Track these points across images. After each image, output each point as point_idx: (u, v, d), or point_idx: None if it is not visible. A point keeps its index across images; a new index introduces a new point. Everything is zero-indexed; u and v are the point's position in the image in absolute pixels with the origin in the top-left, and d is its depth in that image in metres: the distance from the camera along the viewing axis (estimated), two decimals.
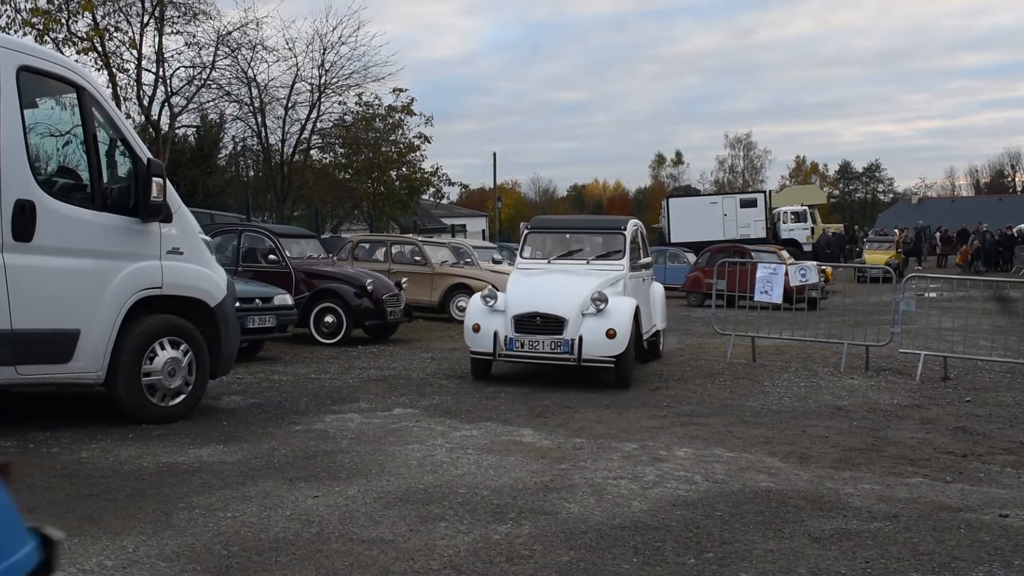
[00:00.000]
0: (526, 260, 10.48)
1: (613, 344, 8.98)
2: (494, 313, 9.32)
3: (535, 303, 9.23)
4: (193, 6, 22.34)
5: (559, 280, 9.71)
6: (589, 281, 9.55)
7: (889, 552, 4.26)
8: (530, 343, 9.12)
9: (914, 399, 8.95)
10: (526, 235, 10.78)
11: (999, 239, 38.11)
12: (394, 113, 30.32)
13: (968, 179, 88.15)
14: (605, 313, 9.06)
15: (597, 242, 10.66)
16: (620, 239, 10.40)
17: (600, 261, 10.23)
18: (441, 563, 3.99)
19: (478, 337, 9.30)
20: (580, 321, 9.07)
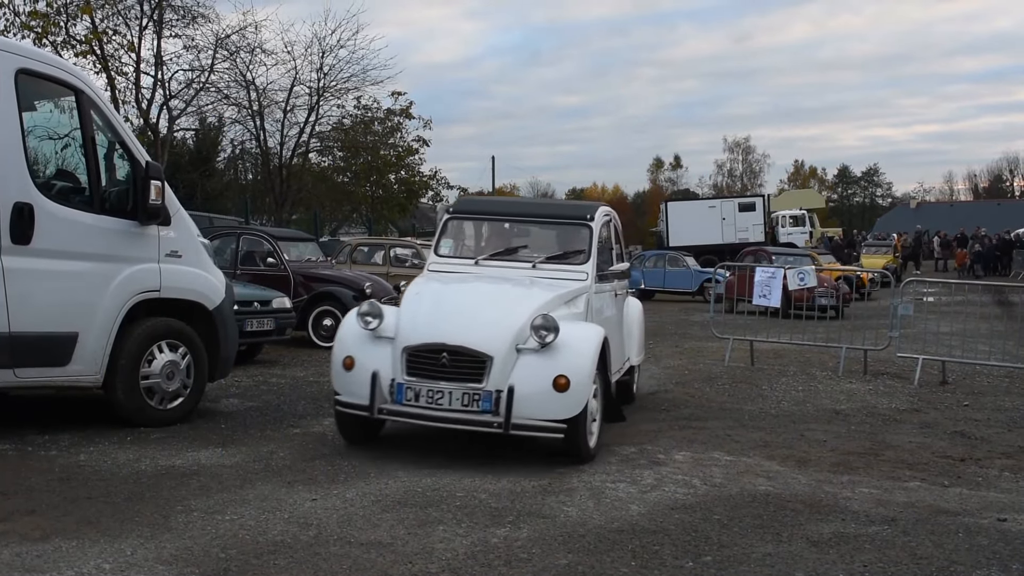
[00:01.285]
0: (443, 259, 7.22)
1: (563, 401, 5.68)
2: (378, 342, 6.05)
3: (441, 330, 5.90)
4: (192, 9, 22.40)
5: (485, 293, 6.45)
6: (532, 296, 6.30)
7: (887, 556, 4.26)
8: (430, 394, 5.73)
9: (912, 403, 8.95)
10: (445, 222, 7.52)
11: (997, 244, 38.15)
12: (393, 116, 30.37)
13: (967, 184, 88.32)
14: (553, 350, 5.81)
15: (550, 237, 7.58)
16: (584, 234, 7.13)
17: (553, 265, 6.97)
18: (439, 566, 3.98)
19: (349, 379, 6.02)
20: (513, 361, 5.78)
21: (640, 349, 8.75)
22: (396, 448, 6.38)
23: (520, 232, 7.68)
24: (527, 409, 5.69)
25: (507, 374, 5.75)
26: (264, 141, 27.82)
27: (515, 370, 5.78)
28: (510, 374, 5.76)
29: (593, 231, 7.13)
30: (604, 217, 7.58)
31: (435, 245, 7.41)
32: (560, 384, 5.69)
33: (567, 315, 6.30)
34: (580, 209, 7.59)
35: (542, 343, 5.83)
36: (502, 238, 7.58)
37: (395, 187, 31.59)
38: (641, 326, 8.78)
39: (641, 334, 8.78)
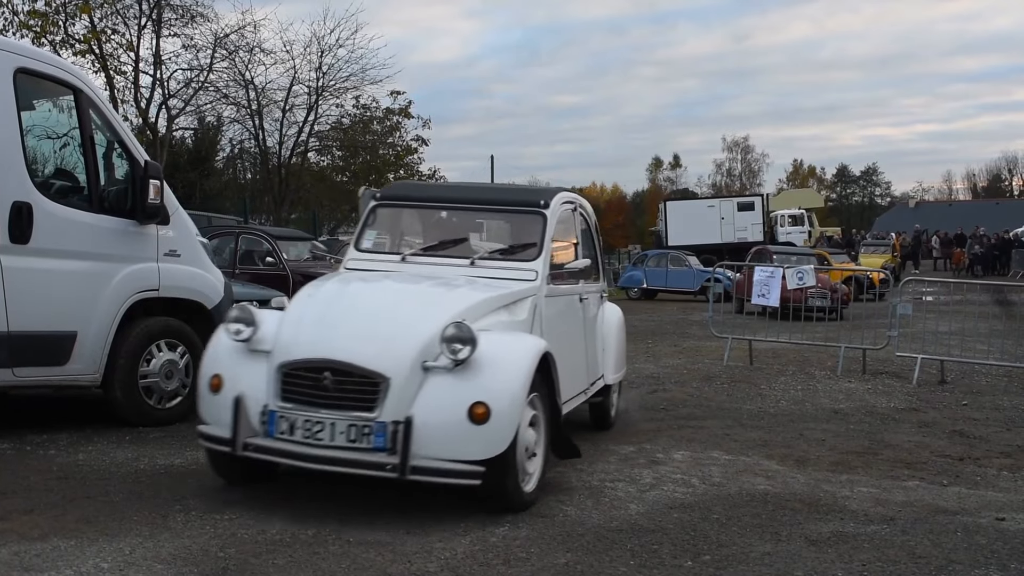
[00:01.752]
0: (364, 255, 6.00)
1: (481, 435, 4.45)
2: (252, 357, 4.82)
3: (325, 342, 4.65)
4: (191, 8, 22.41)
5: (391, 296, 5.23)
6: (452, 300, 5.09)
7: (886, 555, 4.26)
8: (307, 426, 4.50)
9: (911, 403, 8.96)
10: (371, 210, 6.28)
11: (996, 243, 38.18)
12: (392, 116, 30.35)
13: (965, 183, 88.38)
14: (471, 369, 4.55)
15: (496, 228, 6.52)
16: (536, 224, 5.87)
17: (496, 262, 5.79)
18: (438, 565, 3.98)
19: (214, 403, 4.81)
20: (417, 384, 4.54)
21: (619, 364, 7.37)
22: None
23: (461, 222, 6.37)
24: (433, 446, 4.38)
25: (408, 400, 4.45)
26: (263, 140, 27.84)
27: (420, 395, 4.49)
28: (412, 400, 4.46)
29: (548, 221, 5.85)
30: (565, 205, 6.31)
31: (355, 238, 6.16)
32: (477, 414, 4.39)
33: (502, 324, 5.10)
34: (533, 194, 6.33)
35: (455, 360, 4.52)
36: (438, 230, 6.34)
37: None
38: (620, 337, 7.43)
39: (620, 347, 7.38)
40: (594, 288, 7.01)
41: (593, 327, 6.86)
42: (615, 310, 7.54)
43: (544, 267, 5.70)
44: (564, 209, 6.27)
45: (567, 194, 6.53)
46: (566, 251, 6.29)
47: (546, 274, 5.69)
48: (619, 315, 7.55)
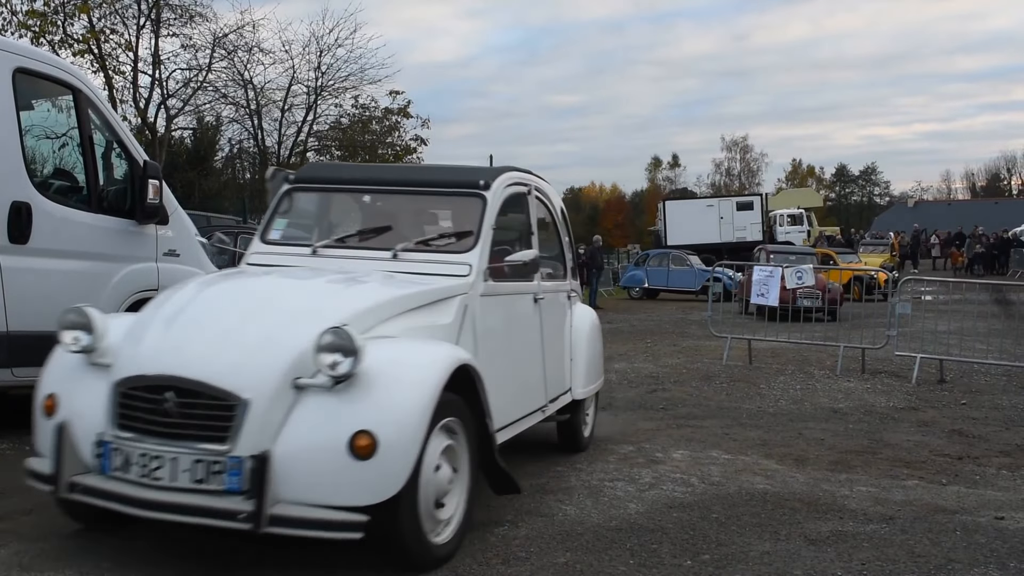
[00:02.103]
0: (271, 247, 5.12)
1: (366, 474, 3.50)
2: (92, 372, 3.94)
3: (170, 354, 3.73)
4: (189, 8, 22.40)
5: (264, 296, 4.18)
6: (344, 299, 4.15)
7: (885, 554, 4.26)
8: (143, 461, 3.57)
9: (910, 402, 8.96)
10: (283, 195, 5.36)
11: (995, 243, 38.20)
12: (390, 115, 30.35)
13: (964, 183, 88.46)
14: (354, 388, 3.62)
15: (426, 214, 5.50)
16: (474, 209, 4.95)
17: (422, 254, 4.83)
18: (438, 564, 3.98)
19: (44, 431, 3.99)
20: (287, 407, 3.61)
21: (591, 376, 6.38)
22: None
23: (386, 208, 5.43)
24: (302, 488, 3.42)
25: (273, 429, 3.49)
26: (262, 140, 27.85)
27: (288, 422, 3.52)
28: (279, 429, 3.50)
29: (488, 205, 4.89)
30: (515, 188, 5.33)
31: (261, 227, 5.25)
32: (360, 446, 3.42)
33: (416, 329, 4.17)
34: (472, 174, 5.25)
35: (334, 376, 3.55)
36: (360, 217, 5.52)
37: None
38: (593, 344, 6.45)
39: (593, 356, 6.42)
40: (557, 287, 6.00)
41: (557, 333, 5.88)
42: (587, 313, 6.60)
43: (481, 260, 4.70)
44: (512, 192, 5.29)
45: (518, 174, 5.49)
46: (517, 243, 5.40)
47: (484, 269, 4.70)
48: (592, 319, 6.58)
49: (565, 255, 6.36)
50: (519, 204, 5.51)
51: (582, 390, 6.19)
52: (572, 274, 6.47)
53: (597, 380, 6.67)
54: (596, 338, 6.62)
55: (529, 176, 5.74)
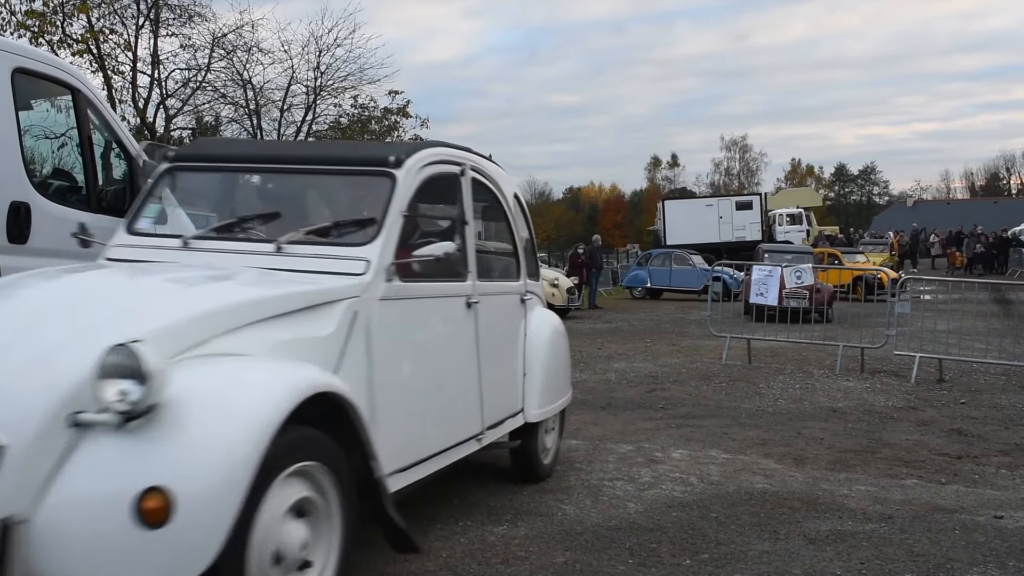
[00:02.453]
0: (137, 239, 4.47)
1: (154, 547, 2.48)
2: None
3: None
4: (188, 8, 22.37)
5: (56, 302, 3.25)
6: (169, 304, 3.24)
7: (884, 553, 4.27)
8: None
9: (909, 401, 8.96)
10: (160, 175, 4.78)
11: (994, 242, 38.22)
12: (390, 115, 30.33)
13: (963, 182, 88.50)
14: (151, 428, 2.62)
15: (323, 198, 4.58)
16: (380, 192, 4.04)
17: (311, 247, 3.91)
18: (437, 564, 3.99)
19: None
20: (56, 453, 2.62)
21: (552, 393, 5.43)
22: None
23: (280, 191, 4.54)
24: (71, 565, 2.53)
25: (36, 482, 2.59)
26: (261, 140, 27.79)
27: (61, 474, 2.62)
28: (46, 482, 2.60)
29: (398, 187, 3.94)
30: (439, 167, 4.38)
31: (130, 216, 4.62)
32: (150, 510, 2.50)
33: (280, 344, 3.27)
34: (382, 150, 4.34)
35: (122, 412, 2.63)
36: (247, 202, 4.59)
37: None
38: (556, 356, 5.53)
39: (554, 369, 5.50)
40: (503, 288, 5.11)
41: (503, 343, 4.98)
42: (547, 320, 5.61)
43: (383, 255, 3.76)
44: (436, 172, 4.33)
45: (446, 151, 4.53)
46: (448, 236, 4.46)
47: (387, 266, 3.76)
48: (553, 325, 5.62)
49: (519, 250, 5.38)
50: (448, 188, 4.53)
51: (538, 411, 5.24)
52: (531, 273, 5.54)
53: (560, 398, 5.64)
54: (559, 348, 5.62)
55: (465, 155, 4.76)
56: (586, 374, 10.53)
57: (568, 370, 5.92)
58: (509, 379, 5.08)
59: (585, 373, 10.61)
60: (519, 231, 5.45)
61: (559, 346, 5.65)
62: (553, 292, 19.58)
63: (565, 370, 5.82)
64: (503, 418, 4.93)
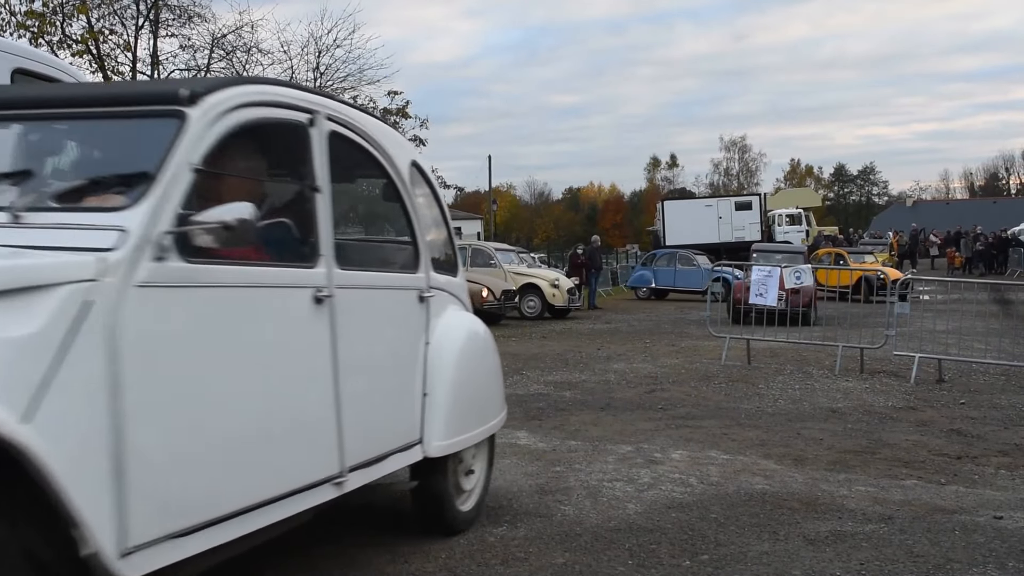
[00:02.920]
0: None
1: None
2: None
3: None
4: (188, 9, 22.36)
5: None
6: None
7: (884, 554, 4.26)
8: None
9: (909, 401, 8.96)
10: None
11: (994, 242, 38.24)
12: (389, 116, 30.32)
13: (963, 182, 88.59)
14: None
15: (83, 151, 3.23)
16: (159, 138, 2.84)
17: (61, 215, 2.76)
18: (436, 565, 3.99)
19: None
20: None
21: (467, 417, 4.37)
22: None
23: (37, 144, 3.25)
24: None
25: None
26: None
27: None
28: None
29: (188, 128, 2.89)
30: (269, 112, 3.31)
31: None
32: None
33: None
34: (169, 85, 3.56)
35: None
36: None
37: None
38: (471, 369, 4.46)
39: (469, 385, 4.41)
40: (390, 281, 4.09)
41: (385, 353, 3.97)
42: (463, 324, 4.55)
43: (150, 223, 2.69)
44: (264, 118, 3.26)
45: (282, 91, 3.43)
46: (292, 211, 3.44)
47: (156, 238, 2.70)
48: (470, 331, 4.58)
49: (417, 234, 4.29)
50: (287, 142, 3.45)
51: (444, 442, 4.16)
52: (440, 265, 4.49)
53: (482, 423, 4.52)
54: (480, 360, 4.60)
55: (318, 100, 3.57)
56: (585, 374, 10.53)
57: (497, 387, 4.80)
58: (396, 401, 4.00)
59: (584, 374, 10.61)
60: (417, 210, 4.29)
61: (480, 357, 4.59)
62: (554, 292, 19.60)
63: (491, 387, 4.72)
64: (384, 453, 3.81)
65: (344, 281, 3.55)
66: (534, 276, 20.20)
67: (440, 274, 4.46)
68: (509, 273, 19.56)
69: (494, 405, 4.75)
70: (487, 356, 4.72)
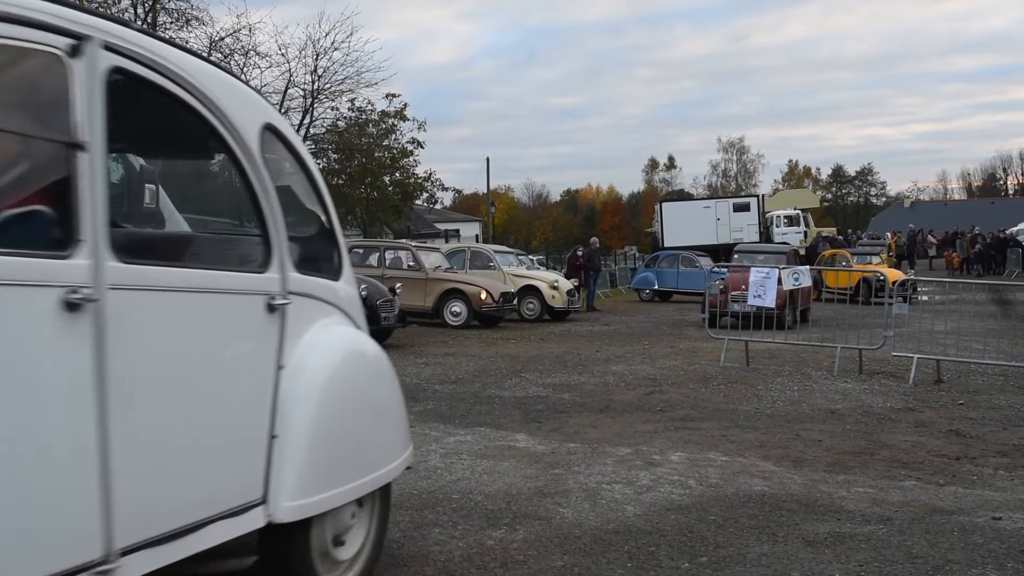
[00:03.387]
0: None
1: None
2: None
3: None
4: (186, 12, 22.37)
5: None
6: None
7: (883, 555, 4.27)
8: None
9: (907, 402, 8.96)
10: None
11: (991, 242, 38.28)
12: (387, 118, 30.34)
13: (961, 183, 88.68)
14: None
15: None
16: None
17: None
18: (435, 569, 3.98)
19: None
20: None
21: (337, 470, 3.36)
22: None
23: None
24: None
25: None
26: None
27: None
28: None
29: None
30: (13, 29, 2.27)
31: None
32: None
33: None
34: None
35: None
36: None
37: (390, 189, 31.55)
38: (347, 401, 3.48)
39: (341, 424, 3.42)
40: (212, 283, 3.05)
41: (203, 380, 2.95)
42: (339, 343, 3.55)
43: None
44: None
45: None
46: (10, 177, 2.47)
47: None
48: (346, 352, 3.57)
49: (267, 219, 3.28)
50: (32, 79, 2.51)
51: (298, 502, 3.14)
52: (305, 263, 3.47)
53: (368, 471, 3.48)
54: (366, 387, 3.61)
55: (91, 20, 2.57)
56: (584, 377, 10.53)
57: (392, 423, 3.73)
58: (221, 446, 2.98)
59: (583, 376, 10.61)
60: (267, 188, 3.28)
61: (364, 386, 3.57)
62: (553, 294, 19.61)
63: (382, 424, 3.65)
64: (197, 521, 2.81)
65: (123, 279, 2.56)
66: (533, 278, 20.23)
67: (308, 275, 3.41)
68: (509, 275, 19.60)
69: (387, 446, 3.63)
70: (377, 384, 3.65)
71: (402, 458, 3.75)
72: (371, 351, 3.71)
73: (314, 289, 3.47)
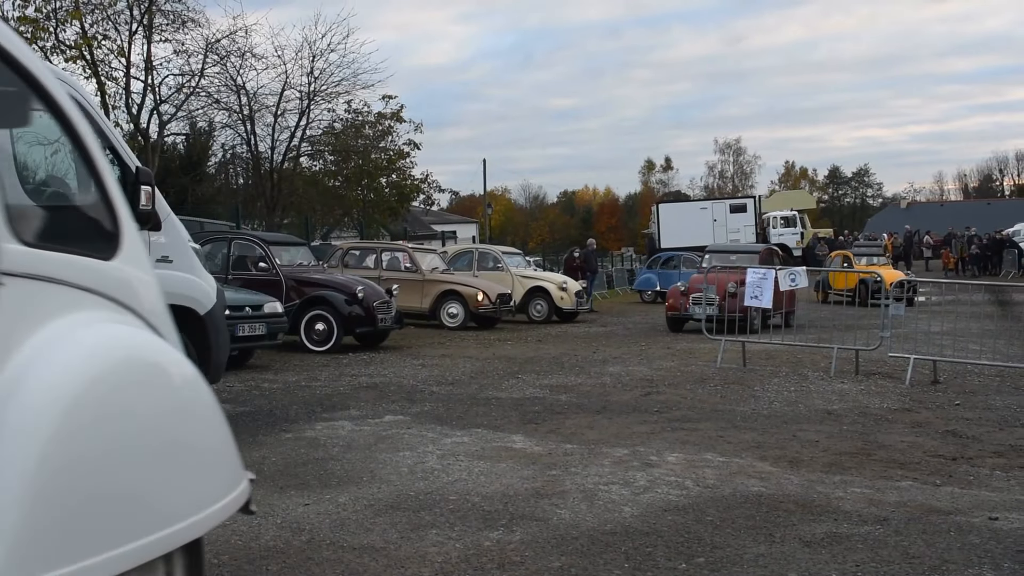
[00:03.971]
0: None
1: None
2: None
3: None
4: (182, 14, 22.33)
5: None
6: None
7: (879, 555, 4.27)
8: None
9: (904, 403, 8.97)
10: None
11: (988, 243, 38.35)
12: (384, 120, 30.33)
13: (957, 184, 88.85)
14: None
15: None
16: None
17: None
18: (432, 570, 3.98)
19: None
20: None
21: (92, 531, 2.07)
22: (388, 452, 6.37)
23: None
24: None
25: None
26: (255, 145, 27.75)
27: None
28: None
29: None
30: None
31: None
32: None
33: None
34: None
35: None
36: None
37: (386, 191, 31.54)
38: (102, 426, 2.22)
39: (88, 465, 2.13)
40: None
41: None
42: (95, 344, 2.41)
43: None
44: None
45: None
46: None
47: None
48: (110, 360, 2.39)
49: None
50: None
51: None
52: (57, 233, 2.85)
53: (144, 533, 2.24)
54: (131, 414, 2.36)
55: None
56: (581, 378, 10.53)
57: (202, 464, 2.60)
58: None
59: (580, 377, 10.61)
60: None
61: (141, 412, 2.40)
62: (562, 296, 19.65)
63: (178, 467, 2.47)
64: None
65: None
66: (542, 279, 20.29)
67: (48, 250, 2.44)
68: (517, 276, 19.64)
69: (190, 491, 2.51)
70: (175, 408, 2.56)
71: (221, 503, 2.59)
72: (167, 365, 2.62)
73: (58, 270, 2.41)
